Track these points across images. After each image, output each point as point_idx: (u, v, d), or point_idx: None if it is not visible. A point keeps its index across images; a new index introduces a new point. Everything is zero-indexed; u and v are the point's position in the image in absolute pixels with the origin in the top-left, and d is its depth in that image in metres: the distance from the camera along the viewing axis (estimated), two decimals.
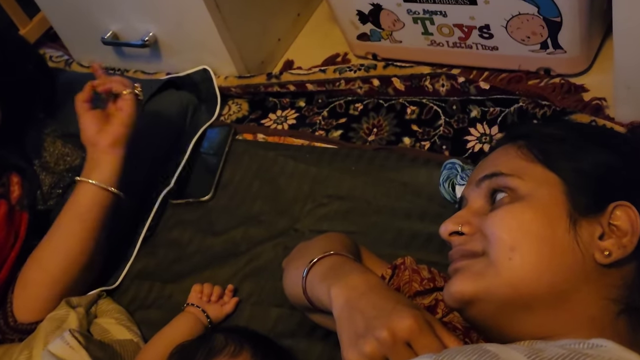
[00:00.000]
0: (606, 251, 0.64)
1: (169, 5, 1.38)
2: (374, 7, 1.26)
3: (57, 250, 1.07)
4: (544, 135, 0.74)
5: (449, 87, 1.25)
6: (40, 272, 1.07)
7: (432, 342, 0.65)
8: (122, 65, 1.59)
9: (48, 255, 1.07)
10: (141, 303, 1.14)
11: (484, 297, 0.66)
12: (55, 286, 1.06)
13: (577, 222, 0.65)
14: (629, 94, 1.04)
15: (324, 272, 0.80)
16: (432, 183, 1.09)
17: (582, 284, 0.64)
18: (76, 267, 1.08)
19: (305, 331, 0.99)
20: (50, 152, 1.22)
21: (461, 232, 0.71)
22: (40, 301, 1.04)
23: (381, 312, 0.68)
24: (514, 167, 0.71)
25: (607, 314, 0.64)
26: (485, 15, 1.16)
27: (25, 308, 1.05)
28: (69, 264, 1.07)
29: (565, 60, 1.18)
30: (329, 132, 1.31)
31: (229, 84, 1.44)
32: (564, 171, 0.68)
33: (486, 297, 0.66)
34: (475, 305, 0.67)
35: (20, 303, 1.06)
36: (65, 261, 1.07)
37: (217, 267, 1.14)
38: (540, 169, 0.69)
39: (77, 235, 1.08)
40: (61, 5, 1.54)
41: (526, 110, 1.15)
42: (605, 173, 0.68)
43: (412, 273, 0.86)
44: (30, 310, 1.05)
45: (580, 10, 1.08)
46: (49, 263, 1.07)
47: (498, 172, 0.71)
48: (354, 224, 1.10)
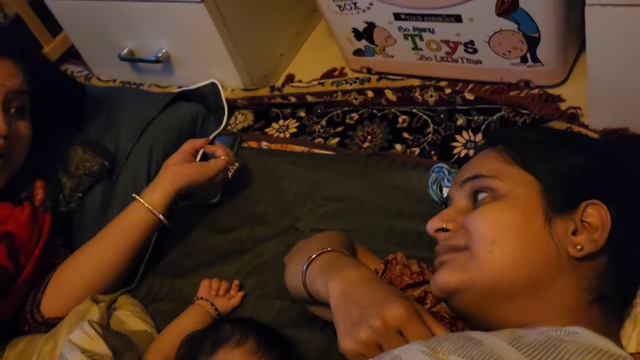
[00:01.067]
0: (578, 245, 0.65)
1: (181, 24, 1.38)
2: (368, 25, 1.26)
3: (95, 259, 1.07)
4: (521, 140, 0.74)
5: (437, 98, 1.25)
6: (75, 277, 1.06)
7: (421, 330, 0.65)
8: (137, 79, 1.60)
9: (86, 263, 1.07)
10: (154, 296, 1.14)
11: (467, 287, 0.66)
12: (86, 291, 1.05)
13: (551, 218, 0.65)
14: (602, 103, 1.04)
15: (322, 267, 0.80)
16: (422, 185, 1.09)
17: (557, 275, 0.64)
18: (110, 277, 1.07)
19: (305, 322, 0.98)
20: (71, 158, 1.22)
21: (446, 229, 0.71)
22: (70, 302, 1.04)
23: (374, 302, 0.68)
24: (494, 169, 0.71)
25: (581, 303, 0.64)
26: (469, 31, 1.16)
27: (55, 306, 1.05)
28: (103, 274, 1.07)
29: (543, 72, 1.18)
30: (327, 139, 1.31)
31: (235, 96, 1.44)
32: (540, 172, 0.69)
33: (469, 287, 0.66)
34: (460, 295, 0.67)
35: (51, 301, 1.05)
36: (100, 271, 1.06)
37: (224, 263, 1.14)
38: (518, 170, 0.70)
39: (116, 249, 1.07)
40: (82, 25, 1.54)
41: (508, 118, 1.15)
42: (578, 174, 0.68)
43: (403, 267, 0.85)
44: (59, 308, 1.04)
45: (557, 26, 1.08)
46: (85, 270, 1.06)
47: (479, 174, 0.71)
48: (349, 223, 1.10)
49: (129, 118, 1.36)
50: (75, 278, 1.06)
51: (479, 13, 1.11)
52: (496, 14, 1.09)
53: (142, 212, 1.08)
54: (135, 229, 1.08)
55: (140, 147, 1.31)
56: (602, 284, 0.66)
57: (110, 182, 1.26)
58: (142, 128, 1.33)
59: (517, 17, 1.08)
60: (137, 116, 1.36)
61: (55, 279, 1.07)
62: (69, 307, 1.03)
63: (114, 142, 1.32)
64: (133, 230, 1.08)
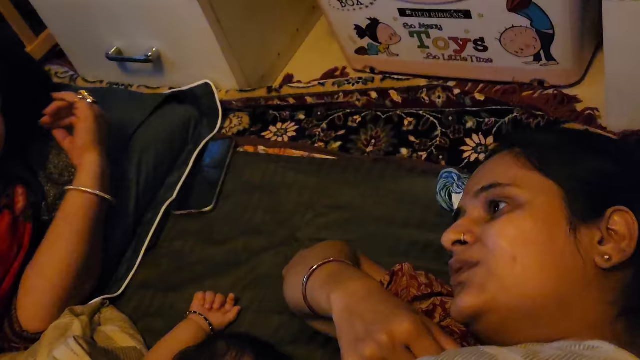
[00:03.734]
0: (606, 255, 0.64)
1: (172, 21, 1.39)
2: (372, 21, 1.26)
3: (51, 255, 1.07)
4: (539, 143, 0.73)
5: (445, 99, 1.25)
6: (39, 278, 1.06)
7: (430, 345, 0.65)
8: (126, 80, 1.60)
9: (44, 262, 1.07)
10: (144, 311, 1.13)
11: (490, 308, 0.65)
12: (55, 291, 1.05)
13: (576, 228, 0.65)
14: (621, 104, 1.04)
15: (323, 278, 0.79)
16: (429, 192, 1.09)
17: (584, 288, 0.63)
18: (72, 270, 1.07)
19: (305, 338, 0.98)
20: (55, 164, 1.22)
21: (464, 241, 0.69)
22: (43, 308, 1.04)
23: (380, 316, 0.67)
24: (512, 176, 0.70)
25: (606, 317, 0.64)
26: (479, 28, 1.16)
27: (29, 315, 1.04)
28: (64, 267, 1.06)
29: (558, 71, 1.18)
30: (328, 143, 1.31)
31: (230, 98, 1.44)
32: (561, 178, 0.67)
33: (492, 308, 0.65)
34: (483, 318, 0.66)
35: (24, 311, 1.05)
36: (60, 265, 1.06)
37: (219, 276, 1.13)
38: (538, 176, 0.69)
39: (67, 239, 1.08)
40: (67, 23, 1.55)
41: (520, 120, 1.15)
42: (602, 179, 0.68)
43: (410, 279, 0.85)
44: (34, 317, 1.04)
45: (572, 22, 1.08)
46: (46, 269, 1.06)
47: (496, 183, 0.70)
48: (353, 233, 1.10)
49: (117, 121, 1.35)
50: (40, 280, 1.06)
51: (489, 8, 1.11)
52: (507, 9, 1.09)
53: (74, 196, 1.10)
54: (76, 215, 1.09)
55: (128, 153, 1.31)
56: (628, 297, 0.65)
57: None
58: (131, 132, 1.33)
59: (530, 13, 1.08)
60: (125, 119, 1.36)
61: (22, 286, 1.07)
62: (45, 315, 1.03)
63: None
64: (75, 216, 1.09)
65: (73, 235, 1.08)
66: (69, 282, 1.07)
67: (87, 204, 1.10)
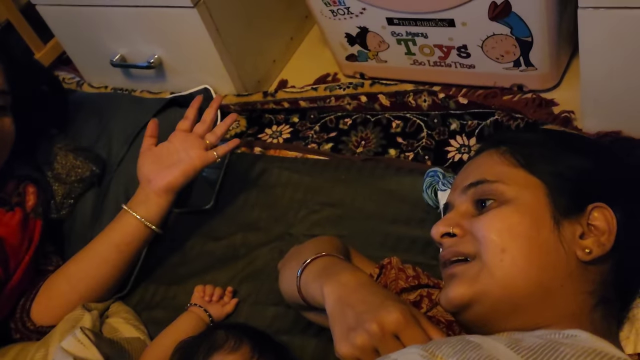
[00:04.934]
0: (587, 249, 0.64)
1: (173, 30, 1.38)
2: (361, 30, 1.26)
3: (89, 272, 1.05)
4: (525, 141, 0.73)
5: (430, 103, 1.24)
6: (68, 288, 1.04)
7: (418, 334, 0.65)
8: (129, 85, 1.59)
9: (79, 275, 1.05)
10: (148, 304, 1.13)
11: (479, 299, 0.65)
12: (79, 301, 1.04)
13: (559, 222, 0.65)
14: (596, 107, 1.04)
15: (317, 271, 0.79)
16: (416, 190, 1.09)
17: (566, 280, 0.63)
18: (104, 289, 1.06)
19: (300, 328, 0.98)
20: (63, 164, 1.20)
21: (452, 234, 0.69)
22: (61, 311, 1.02)
23: (370, 307, 0.67)
24: (498, 172, 0.69)
25: (585, 307, 0.64)
26: (462, 36, 1.16)
27: (47, 315, 1.03)
28: (98, 286, 1.05)
29: (536, 76, 1.18)
30: (320, 145, 1.31)
31: (228, 102, 1.44)
32: (545, 175, 0.67)
33: (481, 299, 0.64)
34: (471, 308, 0.66)
35: (42, 309, 1.04)
36: (95, 284, 1.05)
37: (218, 270, 1.13)
38: (523, 173, 0.68)
39: (111, 264, 1.05)
40: (73, 32, 1.54)
41: (501, 122, 1.15)
42: (583, 176, 0.68)
43: (398, 272, 0.85)
44: (51, 316, 1.03)
45: (550, 30, 1.08)
46: (79, 282, 1.04)
47: (483, 180, 0.69)
48: (344, 229, 1.09)
49: (121, 124, 1.35)
50: (68, 289, 1.04)
51: (472, 17, 1.11)
52: (489, 18, 1.09)
53: (137, 227, 1.06)
54: (130, 244, 1.06)
55: (132, 154, 1.30)
56: (605, 288, 0.65)
57: (101, 189, 1.25)
58: (134, 134, 1.32)
59: (510, 21, 1.08)
60: (129, 122, 1.35)
61: (47, 288, 1.05)
62: (61, 315, 1.02)
63: (106, 149, 1.30)
64: (128, 246, 1.06)
65: (118, 261, 1.06)
66: (97, 297, 1.06)
67: (144, 237, 1.07)
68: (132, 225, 1.06)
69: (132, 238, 1.06)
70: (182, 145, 1.10)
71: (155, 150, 1.11)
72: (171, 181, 1.07)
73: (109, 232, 1.07)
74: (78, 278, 1.05)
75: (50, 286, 1.05)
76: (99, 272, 1.05)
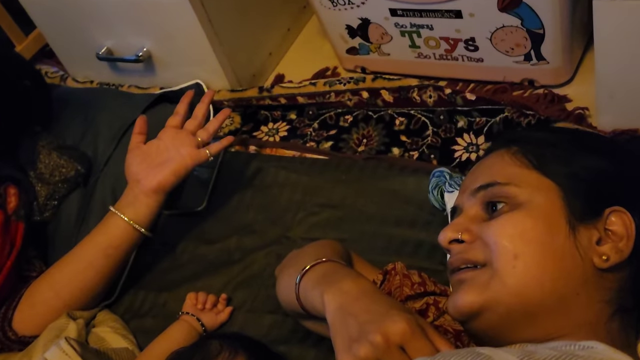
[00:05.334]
0: (604, 256, 0.63)
1: (162, 20, 1.37)
2: (363, 21, 1.26)
3: (74, 278, 1.04)
4: (537, 141, 0.72)
5: (436, 98, 1.24)
6: (52, 294, 1.04)
7: (425, 346, 0.64)
8: (116, 80, 1.59)
9: (64, 282, 1.04)
10: (136, 312, 1.12)
11: (489, 307, 0.64)
12: (63, 308, 1.03)
13: (575, 227, 0.64)
14: (611, 103, 1.04)
15: (316, 278, 0.79)
16: (421, 191, 1.09)
17: (581, 287, 0.63)
18: (90, 296, 1.06)
19: (298, 337, 0.98)
20: (46, 163, 1.20)
21: (461, 240, 0.69)
22: (45, 319, 1.02)
23: (374, 316, 0.66)
24: (510, 174, 0.69)
25: (602, 316, 0.64)
26: (470, 28, 1.16)
27: (30, 324, 1.03)
28: (83, 293, 1.05)
29: (548, 71, 1.17)
30: (319, 143, 1.31)
31: (222, 98, 1.43)
32: (560, 177, 0.67)
33: (492, 307, 0.64)
34: (481, 316, 0.65)
35: (25, 318, 1.03)
36: (80, 291, 1.04)
37: (211, 275, 1.13)
38: (536, 175, 0.68)
39: (97, 269, 1.05)
40: (57, 22, 1.53)
41: (511, 119, 1.15)
42: (599, 178, 0.67)
43: (403, 278, 0.85)
44: (34, 325, 1.02)
45: (562, 21, 1.08)
46: (63, 289, 1.04)
47: (494, 182, 0.69)
48: (345, 232, 1.09)
49: (107, 121, 1.34)
50: (52, 296, 1.04)
51: (480, 8, 1.11)
52: (498, 9, 1.09)
53: (125, 230, 1.05)
54: (118, 248, 1.05)
55: (120, 152, 1.29)
56: (623, 296, 0.65)
57: (87, 190, 1.24)
58: (121, 132, 1.31)
59: (521, 12, 1.08)
60: (116, 119, 1.34)
61: (30, 295, 1.05)
62: (44, 324, 1.01)
63: (91, 147, 1.30)
64: (116, 250, 1.05)
65: (105, 267, 1.05)
66: (83, 303, 1.05)
67: (133, 240, 1.06)
68: (120, 228, 1.05)
69: (119, 241, 1.05)
70: (172, 143, 1.10)
71: (144, 148, 1.11)
72: (161, 181, 1.06)
73: (95, 236, 1.07)
74: (62, 284, 1.04)
75: (32, 293, 1.05)
76: (84, 278, 1.05)
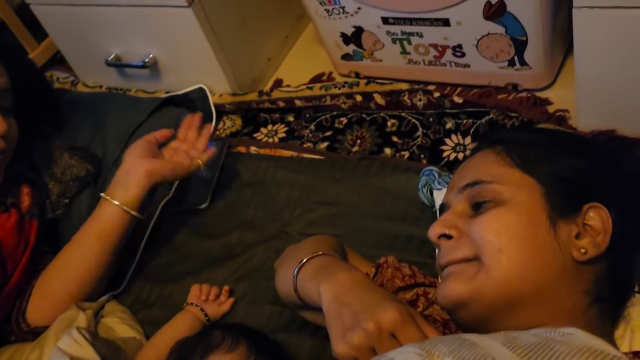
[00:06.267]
0: (583, 249, 0.64)
1: (168, 29, 1.37)
2: (356, 29, 1.26)
3: (77, 266, 1.05)
4: (521, 141, 0.73)
5: (425, 102, 1.25)
6: (59, 285, 1.04)
7: (414, 333, 0.65)
8: (124, 85, 1.58)
9: (68, 270, 1.05)
10: (143, 303, 1.12)
11: (476, 297, 0.65)
12: (72, 297, 1.04)
13: (555, 222, 0.65)
14: (590, 105, 1.04)
15: (313, 271, 0.79)
16: (412, 189, 1.09)
17: (561, 279, 0.64)
18: (93, 280, 1.06)
19: (296, 327, 0.98)
20: (58, 163, 1.20)
21: (449, 235, 0.69)
22: (54, 310, 1.02)
23: (367, 306, 0.67)
24: (494, 173, 0.69)
25: (580, 305, 0.64)
26: (457, 35, 1.16)
27: (41, 315, 1.03)
28: (87, 278, 1.05)
29: (530, 75, 1.18)
30: (316, 144, 1.31)
31: (224, 101, 1.44)
32: (541, 175, 0.67)
33: (478, 298, 0.65)
34: (467, 306, 0.66)
35: (36, 310, 1.04)
36: (83, 276, 1.05)
37: (214, 268, 1.13)
38: (519, 173, 0.69)
39: (96, 254, 1.05)
40: (67, 31, 1.53)
41: (496, 121, 1.15)
42: (578, 176, 0.68)
43: (394, 270, 0.85)
44: (45, 316, 1.03)
45: (544, 29, 1.08)
46: (69, 277, 1.04)
47: (479, 180, 0.69)
48: (340, 227, 1.10)
49: (116, 123, 1.35)
50: (60, 287, 1.04)
51: (467, 17, 1.11)
52: (484, 18, 1.09)
53: (117, 214, 1.05)
54: (112, 234, 1.06)
55: None
56: (600, 287, 0.65)
57: (96, 189, 1.25)
58: (129, 133, 1.32)
59: (505, 21, 1.08)
60: (124, 121, 1.35)
61: (40, 287, 1.05)
62: (55, 315, 1.02)
63: (101, 148, 1.31)
64: (109, 236, 1.06)
65: (102, 252, 1.05)
66: (88, 290, 1.06)
67: (124, 223, 1.06)
68: (111, 213, 1.05)
69: (111, 227, 1.05)
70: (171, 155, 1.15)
71: (150, 144, 1.13)
72: (158, 167, 1.08)
73: (90, 222, 1.07)
74: (67, 274, 1.05)
75: (42, 284, 1.05)
76: (86, 263, 1.05)
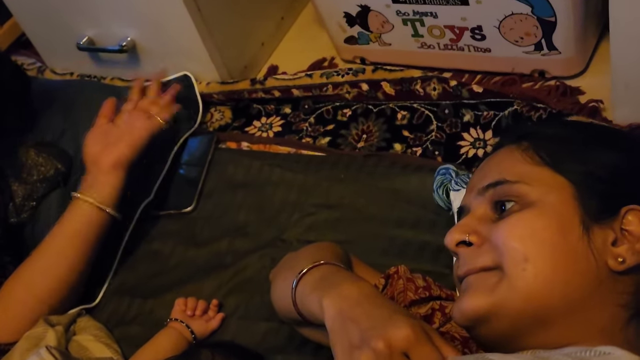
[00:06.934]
0: (620, 258, 0.64)
1: (148, 8, 1.37)
2: (362, 8, 1.26)
3: (45, 271, 1.05)
4: (549, 136, 0.72)
5: (440, 91, 1.25)
6: (25, 293, 1.04)
7: (430, 353, 0.64)
8: (98, 72, 1.59)
9: (35, 277, 1.05)
10: (121, 319, 1.13)
11: (497, 312, 0.64)
12: (40, 307, 1.04)
13: (589, 228, 0.64)
14: (627, 94, 1.04)
15: (314, 282, 0.79)
16: (425, 190, 1.09)
17: (595, 291, 0.63)
18: (64, 288, 1.06)
19: (295, 346, 0.98)
20: (23, 161, 1.20)
21: (469, 242, 0.69)
22: (22, 322, 1.02)
23: (376, 322, 0.67)
24: (520, 172, 0.69)
25: (617, 321, 0.64)
26: (477, 15, 1.16)
27: (5, 329, 1.03)
28: (57, 286, 1.05)
29: (560, 61, 1.18)
30: (316, 139, 1.31)
31: (211, 90, 1.44)
32: (573, 174, 0.67)
33: (500, 312, 0.64)
34: (489, 322, 0.65)
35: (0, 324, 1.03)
36: (53, 283, 1.05)
37: (201, 280, 1.13)
38: (548, 172, 0.68)
39: (69, 258, 1.06)
40: (34, 10, 1.53)
41: (521, 113, 1.15)
42: (616, 175, 0.67)
43: (407, 282, 0.85)
44: (10, 331, 1.03)
45: (575, 9, 1.08)
46: (36, 285, 1.05)
47: (503, 180, 0.69)
48: (343, 233, 1.10)
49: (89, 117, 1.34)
50: (27, 295, 1.04)
51: None
52: None
53: (92, 213, 1.07)
54: (86, 234, 1.07)
55: None
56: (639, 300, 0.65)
57: (67, 189, 1.25)
58: None
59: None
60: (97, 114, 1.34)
61: (2, 298, 1.05)
62: (21, 329, 1.02)
63: (72, 144, 1.30)
64: (83, 235, 1.07)
65: (76, 255, 1.06)
66: (59, 299, 1.06)
67: (99, 222, 1.08)
68: (85, 210, 1.07)
69: (86, 225, 1.07)
70: (126, 122, 1.17)
71: (101, 129, 1.16)
72: (118, 155, 1.12)
73: (62, 225, 1.08)
74: (36, 281, 1.05)
75: (5, 295, 1.05)
76: (56, 270, 1.05)
